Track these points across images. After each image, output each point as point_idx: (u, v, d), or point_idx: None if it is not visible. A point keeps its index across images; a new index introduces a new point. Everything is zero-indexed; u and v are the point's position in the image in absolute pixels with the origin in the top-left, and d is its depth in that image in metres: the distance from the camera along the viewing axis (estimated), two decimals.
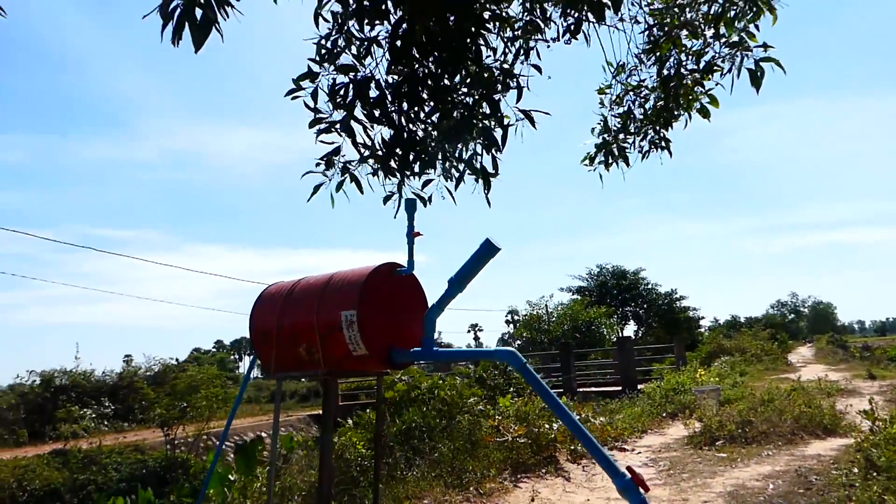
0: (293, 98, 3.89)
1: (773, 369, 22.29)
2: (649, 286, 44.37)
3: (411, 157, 4.02)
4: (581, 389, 17.25)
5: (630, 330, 44.16)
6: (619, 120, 6.15)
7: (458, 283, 5.21)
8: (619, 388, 16.65)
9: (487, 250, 5.10)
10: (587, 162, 6.22)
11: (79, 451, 14.09)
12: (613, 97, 6.16)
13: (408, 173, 4.10)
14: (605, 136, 6.18)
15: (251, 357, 6.89)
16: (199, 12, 2.88)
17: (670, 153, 5.97)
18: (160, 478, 14.18)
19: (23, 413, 20.51)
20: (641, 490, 4.12)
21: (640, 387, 16.38)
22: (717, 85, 5.46)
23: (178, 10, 2.89)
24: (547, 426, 8.17)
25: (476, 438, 7.86)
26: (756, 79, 4.81)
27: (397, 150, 3.99)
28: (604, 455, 4.41)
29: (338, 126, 3.95)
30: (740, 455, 7.98)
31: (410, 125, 4.00)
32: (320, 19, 3.94)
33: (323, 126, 3.98)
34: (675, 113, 5.72)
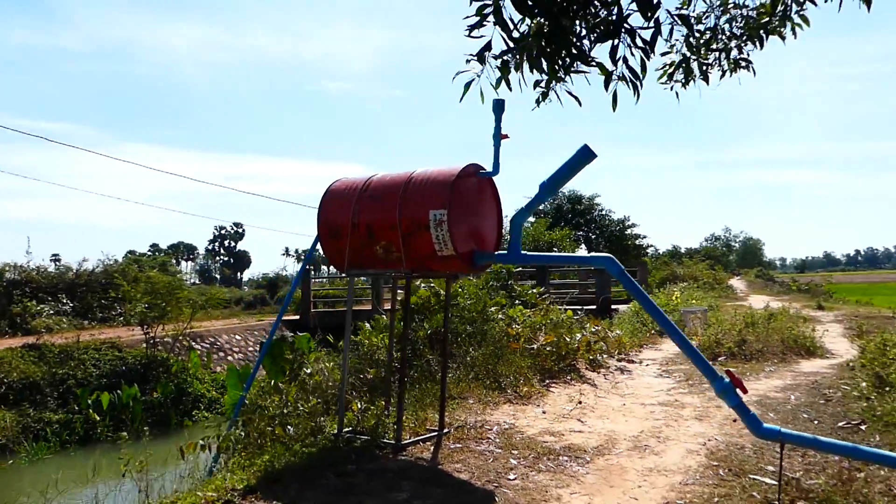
0: None
1: (726, 297, 23.62)
2: (603, 212, 45.47)
3: (562, 53, 3.85)
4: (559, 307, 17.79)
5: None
6: (702, 36, 6.03)
7: (549, 187, 5.20)
8: (595, 307, 17.31)
9: (584, 156, 5.07)
10: (665, 79, 6.10)
11: (53, 346, 13.65)
12: (698, 12, 6.01)
13: (557, 68, 3.93)
14: (687, 52, 6.06)
15: (307, 254, 6.77)
16: None
17: (754, 72, 5.93)
18: (141, 375, 14.03)
19: None
20: (739, 392, 4.37)
21: (613, 306, 17.08)
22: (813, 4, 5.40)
23: None
24: (568, 338, 8.45)
25: (502, 345, 8.06)
26: None
27: (546, 44, 3.81)
28: (703, 360, 4.61)
29: (490, 18, 3.71)
30: (745, 370, 8.54)
31: (561, 18, 3.81)
32: None
33: (473, 21, 3.75)
34: (771, 29, 5.63)
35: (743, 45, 5.92)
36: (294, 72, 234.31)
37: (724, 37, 5.91)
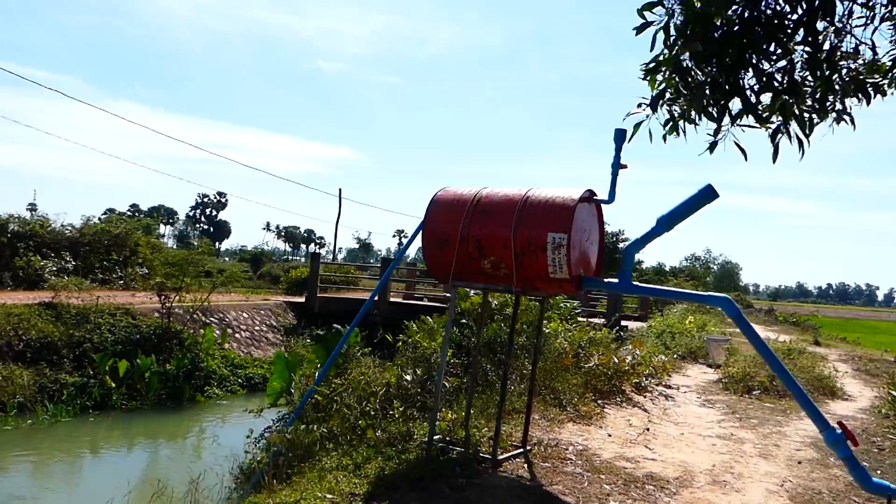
0: (640, 33, 3.69)
1: (723, 323, 23.98)
2: None
3: (731, 103, 3.94)
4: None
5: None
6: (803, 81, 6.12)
7: (666, 223, 5.27)
8: (604, 320, 17.51)
9: (706, 195, 5.14)
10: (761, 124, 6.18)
11: (70, 307, 13.42)
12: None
13: (727, 118, 4.02)
14: (788, 97, 6.15)
15: (400, 249, 6.80)
16: None
17: (854, 126, 6.04)
18: (155, 345, 13.86)
19: None
20: (850, 444, 4.50)
21: (622, 323, 17.30)
22: None
23: None
24: (616, 359, 8.58)
25: (556, 360, 8.15)
26: None
27: (719, 94, 3.89)
28: (813, 406, 4.74)
29: (665, 67, 3.79)
30: (784, 407, 8.76)
31: (737, 70, 3.89)
32: None
33: (650, 66, 3.83)
34: (879, 87, 5.74)
35: (847, 98, 6.04)
36: (290, 47, 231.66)
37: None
